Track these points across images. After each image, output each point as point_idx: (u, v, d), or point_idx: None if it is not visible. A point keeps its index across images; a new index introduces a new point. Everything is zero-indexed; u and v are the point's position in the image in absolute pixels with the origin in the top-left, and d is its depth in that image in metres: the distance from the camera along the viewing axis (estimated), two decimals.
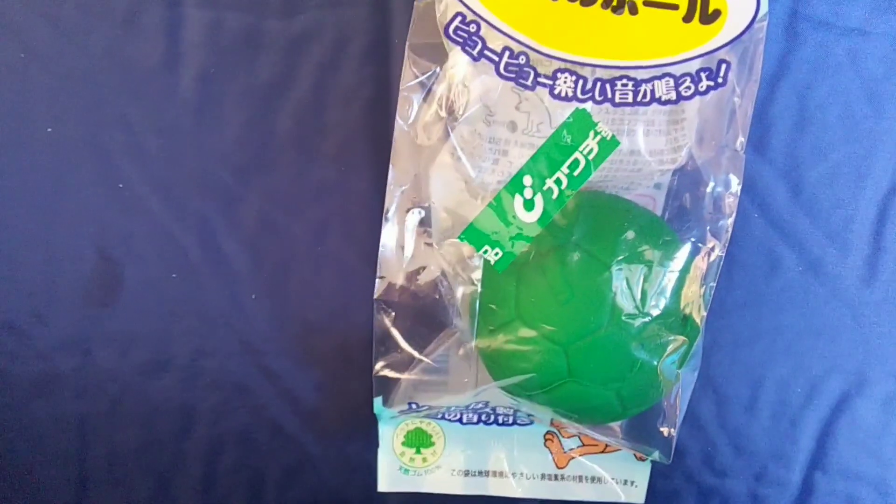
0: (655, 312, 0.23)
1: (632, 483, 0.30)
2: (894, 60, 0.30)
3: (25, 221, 0.29)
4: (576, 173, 0.23)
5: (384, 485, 0.29)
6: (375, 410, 0.27)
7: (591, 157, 0.23)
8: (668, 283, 0.24)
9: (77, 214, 0.29)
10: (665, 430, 0.26)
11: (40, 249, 0.30)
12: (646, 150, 0.25)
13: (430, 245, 0.25)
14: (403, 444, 0.29)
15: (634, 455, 0.29)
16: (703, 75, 0.23)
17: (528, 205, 0.23)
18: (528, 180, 0.23)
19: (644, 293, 0.23)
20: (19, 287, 0.30)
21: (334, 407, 0.31)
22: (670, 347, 0.24)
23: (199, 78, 0.29)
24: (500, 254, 0.24)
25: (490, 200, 0.23)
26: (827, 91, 0.30)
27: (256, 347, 0.31)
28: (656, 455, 0.27)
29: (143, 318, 0.30)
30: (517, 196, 0.23)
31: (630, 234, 0.24)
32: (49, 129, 0.29)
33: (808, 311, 0.32)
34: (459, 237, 0.24)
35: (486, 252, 0.24)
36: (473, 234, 0.24)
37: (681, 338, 0.24)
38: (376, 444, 0.29)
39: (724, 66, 0.23)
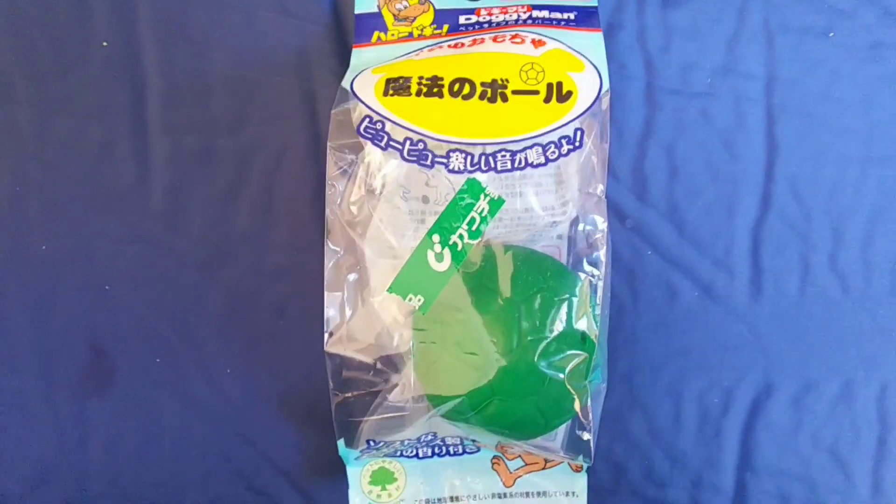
0: (555, 334, 0.28)
1: (573, 494, 0.34)
2: (738, 113, 0.36)
3: (25, 324, 0.34)
4: (473, 228, 0.29)
5: None
6: (340, 453, 0.32)
7: (483, 214, 0.29)
8: (562, 309, 0.29)
9: (70, 316, 0.34)
10: (583, 435, 0.31)
11: (37, 350, 0.34)
12: (538, 206, 0.30)
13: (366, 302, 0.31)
14: (370, 482, 0.33)
15: (571, 468, 0.33)
16: (563, 141, 0.29)
17: (439, 257, 0.29)
18: (436, 238, 0.29)
19: (544, 319, 0.28)
20: (17, 386, 0.34)
21: (307, 460, 0.35)
22: (572, 363, 0.29)
23: (166, 192, 0.34)
24: (422, 300, 0.29)
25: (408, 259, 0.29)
26: (689, 144, 0.36)
27: (234, 416, 0.35)
28: (580, 459, 0.31)
29: (135, 400, 0.35)
30: (429, 251, 0.29)
31: (528, 272, 0.29)
32: (43, 247, 0.34)
33: (710, 330, 0.37)
34: (388, 290, 0.29)
35: (410, 300, 0.29)
36: (399, 286, 0.29)
37: (580, 353, 0.29)
38: (346, 486, 0.33)
39: (579, 133, 0.29)
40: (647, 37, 0.36)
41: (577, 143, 0.29)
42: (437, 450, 0.32)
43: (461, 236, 0.29)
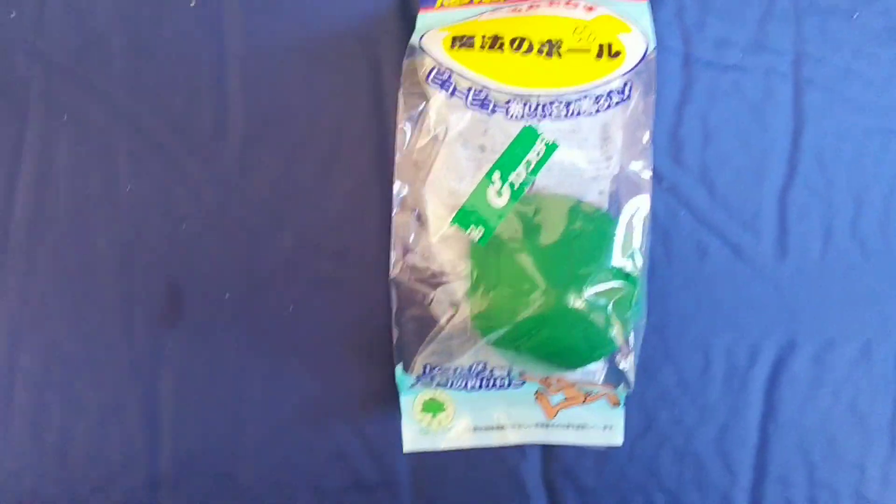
0: (602, 269, 0.31)
1: (611, 428, 0.36)
2: (768, 86, 0.39)
3: (109, 261, 0.37)
4: (530, 169, 0.32)
5: (409, 445, 0.35)
6: (397, 379, 0.34)
7: (539, 157, 0.32)
8: (608, 247, 0.32)
9: (150, 254, 0.37)
10: (623, 363, 0.34)
11: (120, 283, 0.37)
12: (584, 160, 0.33)
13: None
14: (422, 410, 0.35)
15: (610, 403, 0.36)
16: (613, 94, 0.32)
17: (499, 193, 0.32)
18: (497, 175, 0.32)
19: (592, 255, 0.31)
20: (100, 318, 0.37)
21: (360, 393, 0.38)
22: (616, 296, 0.32)
23: (242, 141, 0.38)
24: (482, 231, 0.32)
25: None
26: (721, 113, 0.39)
27: (291, 355, 0.38)
28: (622, 387, 0.34)
29: (204, 332, 0.38)
30: (490, 187, 0.32)
31: (576, 215, 0.32)
32: (129, 188, 0.37)
33: (738, 288, 0.39)
34: (451, 221, 0.32)
35: (471, 231, 0.32)
36: (461, 218, 0.32)
37: (625, 285, 0.32)
38: (396, 418, 0.36)
39: (628, 86, 0.32)
40: (685, 13, 0.39)
41: (625, 96, 0.32)
42: (484, 382, 0.35)
43: (519, 175, 0.32)
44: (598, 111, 0.32)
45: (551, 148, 0.32)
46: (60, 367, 0.37)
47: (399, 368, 0.34)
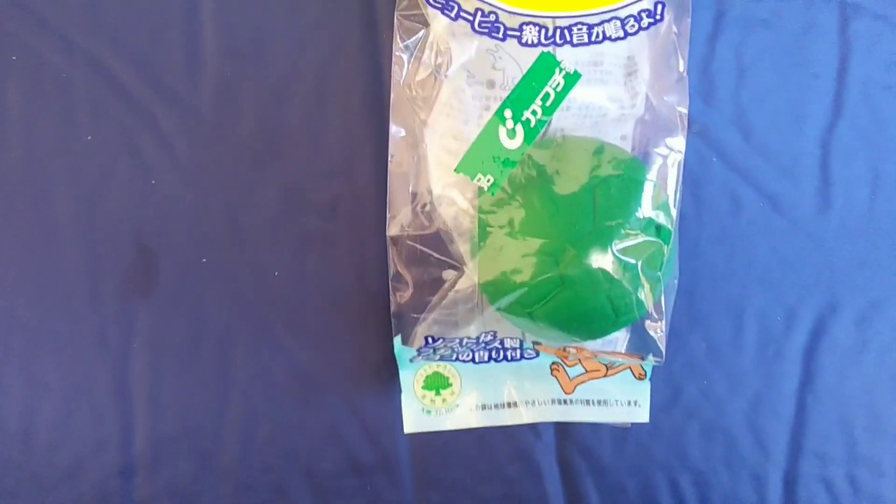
0: (631, 219, 0.27)
1: (635, 403, 0.32)
2: (810, 13, 0.35)
3: (70, 220, 0.33)
4: (548, 104, 0.28)
5: (410, 426, 0.32)
6: (396, 352, 0.30)
7: (558, 89, 0.28)
8: (638, 195, 0.28)
9: (116, 211, 0.33)
10: (654, 329, 0.30)
11: (84, 245, 0.33)
12: (607, 97, 0.29)
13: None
14: (423, 387, 0.32)
15: (634, 375, 0.32)
16: (643, 15, 0.28)
17: (511, 133, 0.27)
18: (508, 113, 0.28)
19: (620, 204, 0.27)
20: (62, 284, 0.33)
21: (355, 367, 0.34)
22: (648, 251, 0.27)
23: (216, 83, 0.33)
24: (492, 179, 0.28)
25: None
26: (758, 46, 0.35)
27: (281, 318, 0.34)
28: (651, 358, 0.30)
29: (180, 300, 0.33)
30: (501, 127, 0.28)
31: (601, 159, 0.28)
32: (89, 137, 0.33)
33: (774, 243, 0.35)
34: (455, 169, 0.27)
35: (479, 180, 0.27)
36: (468, 165, 0.28)
37: (656, 240, 0.28)
38: (397, 392, 0.32)
39: (660, 6, 0.28)
40: None
41: (657, 17, 0.28)
42: (494, 354, 0.31)
43: (534, 112, 0.28)
44: (626, 35, 0.28)
45: (572, 78, 0.28)
46: (19, 341, 0.33)
47: (398, 340, 0.30)
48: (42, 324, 0.33)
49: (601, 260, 0.27)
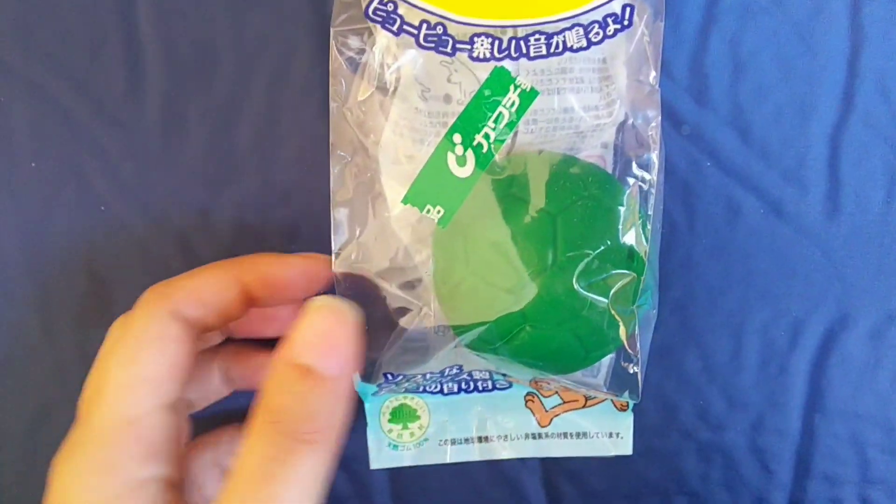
0: (598, 250, 0.24)
1: (617, 435, 0.30)
2: (815, 2, 0.31)
3: (18, 251, 0.31)
4: (502, 125, 0.25)
5: (376, 462, 0.30)
6: (357, 388, 0.28)
7: (513, 109, 0.25)
8: (606, 220, 0.25)
9: (66, 240, 0.31)
10: (629, 368, 0.27)
11: (34, 276, 0.32)
12: (579, 106, 0.26)
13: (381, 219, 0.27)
14: (390, 420, 0.30)
15: (616, 407, 0.29)
16: (609, 20, 0.25)
17: (461, 161, 0.25)
18: (457, 138, 0.25)
19: (584, 233, 0.24)
20: (14, 317, 0.32)
21: None
22: (618, 284, 0.25)
23: (162, 102, 0.31)
24: (442, 211, 0.25)
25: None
26: (757, 35, 0.31)
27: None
28: (626, 395, 0.28)
29: None
30: (449, 153, 0.25)
31: (566, 179, 0.25)
32: (33, 164, 0.31)
33: (778, 253, 0.32)
34: (402, 201, 0.25)
35: (428, 211, 0.25)
36: (415, 196, 0.25)
37: (627, 273, 0.25)
38: (364, 425, 0.30)
39: (628, 10, 0.25)
40: None
41: (625, 22, 0.25)
42: (463, 385, 0.29)
43: (487, 135, 0.25)
44: (589, 44, 0.24)
45: (528, 96, 0.25)
46: None
47: (356, 377, 0.28)
48: None
49: (565, 296, 0.24)
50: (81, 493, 0.22)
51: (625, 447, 0.30)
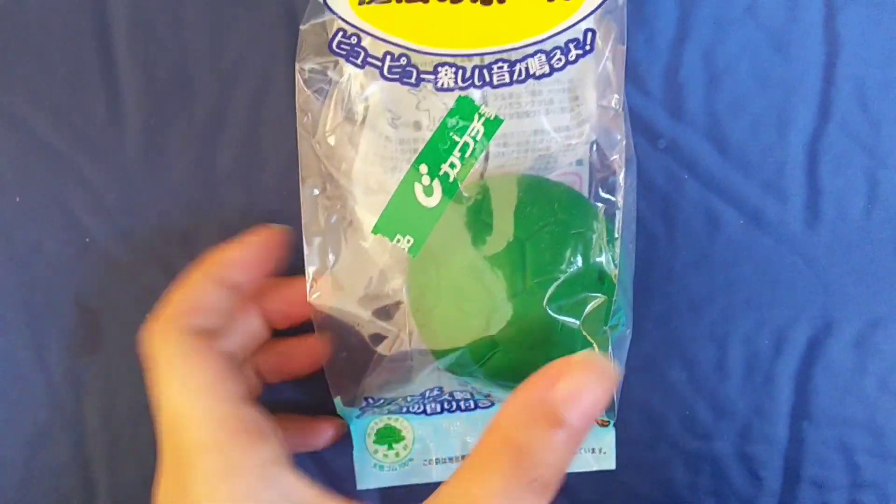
0: (567, 274, 0.24)
1: (600, 451, 0.30)
2: (792, 5, 0.30)
3: (7, 285, 0.32)
4: (467, 154, 0.25)
5: (362, 482, 0.30)
6: (338, 411, 0.29)
7: (478, 137, 0.25)
8: (575, 244, 0.25)
9: (54, 271, 0.32)
10: None
11: (25, 310, 0.32)
12: (550, 127, 0.26)
13: (354, 247, 0.27)
14: (375, 441, 0.30)
15: (597, 423, 0.30)
16: (571, 46, 0.25)
17: (428, 191, 0.25)
18: (424, 168, 0.25)
19: (554, 257, 0.24)
20: (5, 348, 0.33)
21: (314, 415, 0.33)
22: (589, 306, 0.25)
23: (141, 130, 0.31)
24: (412, 240, 0.25)
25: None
26: (732, 46, 0.31)
27: None
28: (603, 415, 0.28)
29: (127, 357, 0.32)
30: (416, 184, 0.25)
31: (535, 204, 0.25)
32: (17, 199, 0.32)
33: (760, 263, 0.32)
34: (373, 231, 0.25)
35: (398, 241, 0.25)
36: (384, 226, 0.25)
37: (598, 295, 0.25)
38: (351, 447, 0.31)
39: (590, 34, 0.25)
40: None
41: (587, 47, 0.25)
42: (446, 405, 0.29)
43: (452, 165, 0.25)
44: (552, 71, 0.25)
45: (493, 124, 0.25)
46: None
47: (338, 401, 0.28)
48: None
49: (535, 321, 0.24)
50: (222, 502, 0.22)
51: (608, 462, 0.30)
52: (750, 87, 0.31)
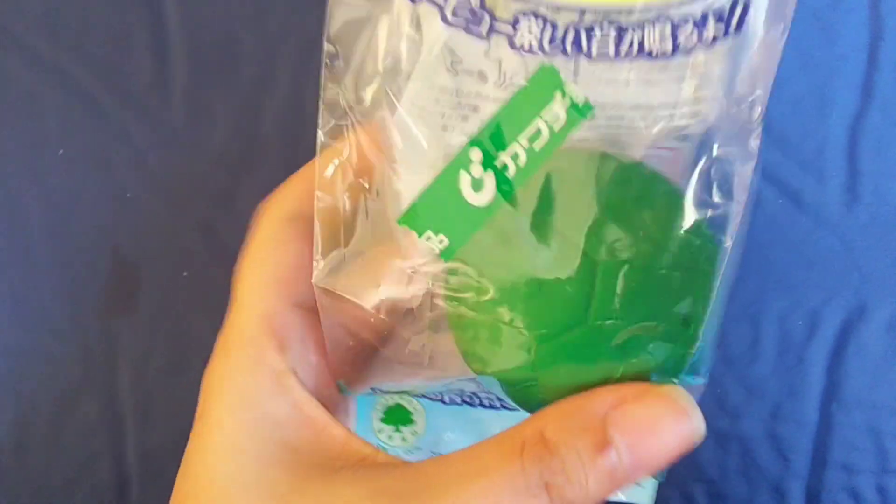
0: (643, 317, 0.19)
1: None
2: None
3: (46, 238, 0.32)
4: (537, 146, 0.18)
5: None
6: (340, 391, 0.26)
7: (556, 126, 0.18)
8: (665, 285, 0.19)
9: (92, 226, 0.32)
10: None
11: (62, 263, 0.32)
12: (657, 102, 0.19)
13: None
14: (382, 420, 0.27)
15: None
16: (712, 17, 0.18)
17: (477, 185, 0.19)
18: (475, 154, 0.19)
19: (630, 300, 0.18)
20: (42, 303, 0.33)
21: None
22: (662, 357, 0.19)
23: (187, 89, 0.31)
24: (446, 242, 0.19)
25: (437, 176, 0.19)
26: None
27: None
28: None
29: (163, 316, 0.32)
30: (463, 172, 0.19)
31: (619, 209, 0.19)
32: (61, 152, 0.32)
33: (796, 243, 0.32)
34: (398, 221, 0.19)
35: (429, 239, 0.19)
36: (414, 217, 0.19)
37: (676, 347, 0.19)
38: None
39: (739, 7, 0.18)
40: None
41: (732, 26, 0.18)
42: (467, 399, 0.25)
43: (515, 156, 0.18)
44: (674, 50, 0.18)
45: (580, 112, 0.18)
46: (5, 360, 0.33)
47: (341, 384, 0.24)
48: (25, 343, 0.33)
49: (588, 365, 0.19)
50: (230, 392, 0.21)
51: (647, 497, 0.27)
52: (793, 68, 0.31)
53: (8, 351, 0.33)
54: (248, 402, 0.21)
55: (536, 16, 0.18)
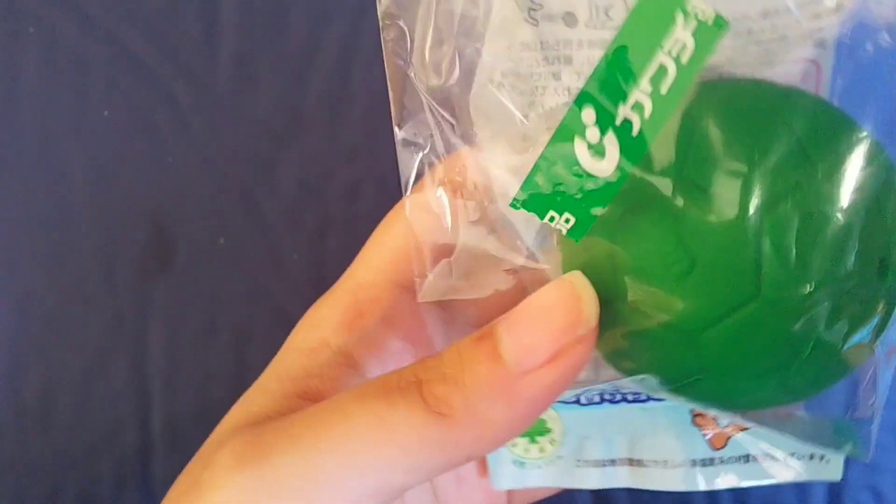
0: (830, 273, 0.15)
1: (821, 458, 0.21)
2: None
3: (85, 199, 0.32)
4: (663, 89, 0.15)
5: (498, 481, 0.23)
6: None
7: (683, 58, 0.14)
8: (847, 220, 0.15)
9: (132, 189, 0.32)
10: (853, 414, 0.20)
11: (99, 225, 0.32)
12: (792, 2, 0.16)
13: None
14: None
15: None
16: None
17: (597, 150, 0.15)
18: (588, 114, 0.15)
19: (809, 245, 0.15)
20: (78, 265, 0.33)
21: None
22: (861, 317, 0.16)
23: (234, 56, 0.32)
24: (572, 220, 0.16)
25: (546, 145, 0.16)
26: None
27: (299, 305, 0.33)
28: (848, 448, 0.20)
29: (196, 282, 0.32)
30: (578, 140, 0.15)
31: (776, 141, 0.15)
32: (105, 113, 0.32)
33: None
34: (510, 205, 0.17)
35: (552, 220, 0.16)
36: (531, 198, 0.16)
37: (876, 300, 0.16)
38: None
39: None
40: None
41: None
42: (607, 395, 0.22)
43: (637, 106, 0.15)
44: None
45: (710, 33, 0.14)
46: (37, 322, 0.33)
47: None
48: (58, 305, 0.33)
49: (771, 342, 0.16)
50: (320, 330, 0.22)
51: (832, 472, 0.21)
52: None
53: (40, 311, 0.33)
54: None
55: None
